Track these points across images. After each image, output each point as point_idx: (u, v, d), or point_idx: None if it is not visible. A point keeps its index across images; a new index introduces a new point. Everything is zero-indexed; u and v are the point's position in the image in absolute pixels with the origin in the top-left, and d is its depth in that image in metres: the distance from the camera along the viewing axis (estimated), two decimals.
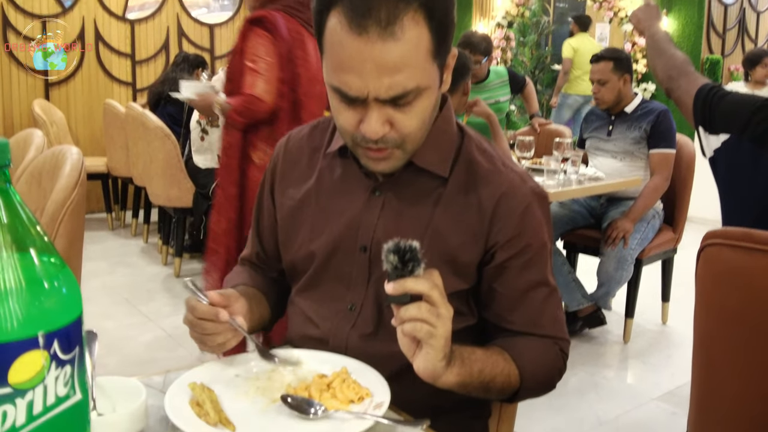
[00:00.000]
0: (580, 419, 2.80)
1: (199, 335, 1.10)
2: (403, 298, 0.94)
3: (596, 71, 3.55)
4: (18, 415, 0.52)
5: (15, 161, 2.68)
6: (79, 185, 2.03)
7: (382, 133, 1.05)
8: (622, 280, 3.51)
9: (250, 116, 2.41)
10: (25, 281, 0.54)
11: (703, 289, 1.46)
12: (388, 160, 1.11)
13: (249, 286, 1.30)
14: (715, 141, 1.73)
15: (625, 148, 3.57)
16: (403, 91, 1.01)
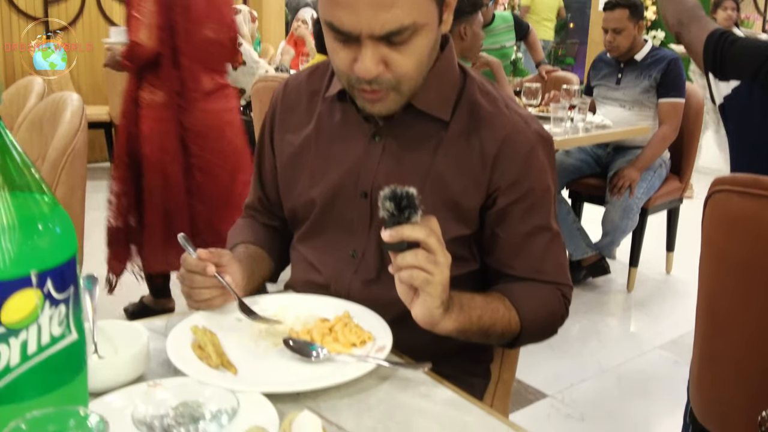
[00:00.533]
0: (581, 366, 2.82)
1: (187, 289, 1.09)
2: (400, 246, 0.92)
3: (612, 19, 3.44)
4: (12, 354, 0.52)
5: (15, 109, 2.66)
6: (80, 131, 2.01)
7: (376, 73, 1.01)
8: (627, 230, 3.50)
9: (136, 61, 2.64)
10: (17, 220, 0.53)
11: (709, 236, 1.45)
12: (383, 102, 1.07)
13: (250, 243, 1.28)
14: (725, 88, 1.70)
15: (634, 97, 3.51)
16: (398, 26, 0.98)
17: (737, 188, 1.34)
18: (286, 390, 0.88)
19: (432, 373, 0.97)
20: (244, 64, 4.18)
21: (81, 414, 0.50)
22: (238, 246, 1.27)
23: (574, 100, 3.38)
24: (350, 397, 0.90)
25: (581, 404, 2.54)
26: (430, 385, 0.94)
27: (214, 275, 1.07)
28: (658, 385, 2.71)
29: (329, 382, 0.89)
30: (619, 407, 2.55)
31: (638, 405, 2.57)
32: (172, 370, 0.94)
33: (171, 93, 2.67)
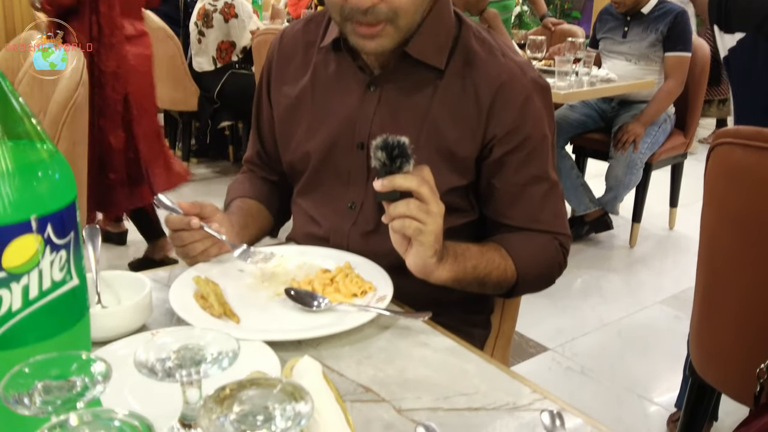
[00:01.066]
0: (582, 320, 2.85)
1: (180, 249, 1.09)
2: (393, 195, 0.92)
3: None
4: (14, 299, 0.52)
5: (17, 64, 2.65)
6: (81, 86, 1.99)
7: (371, 2, 1.00)
8: (630, 185, 3.49)
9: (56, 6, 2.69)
10: (16, 167, 0.53)
11: (712, 188, 1.45)
12: (379, 38, 1.05)
13: (247, 197, 1.28)
14: (730, 40, 1.68)
15: (641, 51, 3.46)
16: None
17: (740, 141, 1.33)
18: (287, 338, 0.89)
19: (432, 323, 0.98)
20: (236, 17, 4.11)
21: (84, 358, 0.51)
22: (234, 201, 1.27)
23: (579, 53, 3.34)
24: (351, 346, 0.91)
25: (582, 357, 2.57)
26: (429, 334, 0.95)
27: (200, 226, 1.07)
28: (658, 340, 2.73)
29: (330, 331, 0.90)
30: (619, 361, 2.57)
31: (638, 359, 2.59)
32: (174, 319, 0.95)
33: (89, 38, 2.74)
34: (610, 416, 2.23)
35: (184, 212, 1.07)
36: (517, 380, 0.84)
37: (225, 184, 4.24)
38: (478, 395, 0.81)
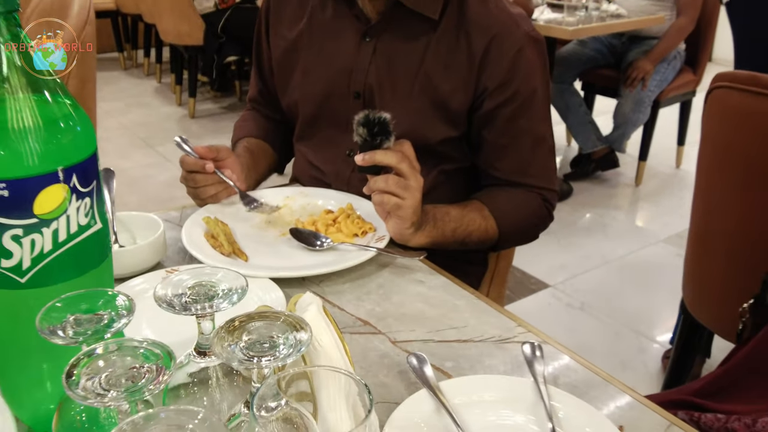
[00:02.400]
0: (585, 257, 2.91)
1: (192, 190, 1.14)
2: (374, 169, 0.97)
3: None
4: (45, 242, 0.58)
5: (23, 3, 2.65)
6: (89, 24, 2.01)
7: None
8: (638, 123, 3.49)
9: None
10: (42, 121, 0.57)
11: (709, 129, 1.48)
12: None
13: (252, 137, 1.33)
14: None
15: None
16: None
17: (736, 85, 1.36)
18: (292, 275, 0.95)
19: (428, 262, 1.04)
20: None
21: (109, 294, 0.57)
22: (240, 141, 1.31)
23: None
24: (351, 282, 0.97)
25: (582, 294, 2.64)
26: (426, 272, 1.01)
27: (213, 171, 1.12)
28: (659, 277, 2.79)
29: (332, 269, 0.96)
30: (619, 297, 2.64)
31: (639, 296, 2.66)
32: (187, 257, 1.02)
33: None
34: (605, 351, 2.31)
35: (200, 156, 1.12)
36: (503, 315, 0.90)
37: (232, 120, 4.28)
38: (467, 328, 0.87)
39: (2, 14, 0.58)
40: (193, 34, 4.31)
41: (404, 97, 1.16)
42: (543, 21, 3.12)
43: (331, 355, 0.63)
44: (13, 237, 0.57)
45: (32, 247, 0.58)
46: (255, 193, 1.19)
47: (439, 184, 1.23)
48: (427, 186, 1.19)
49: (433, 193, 1.19)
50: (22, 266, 0.58)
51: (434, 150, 1.19)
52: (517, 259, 2.73)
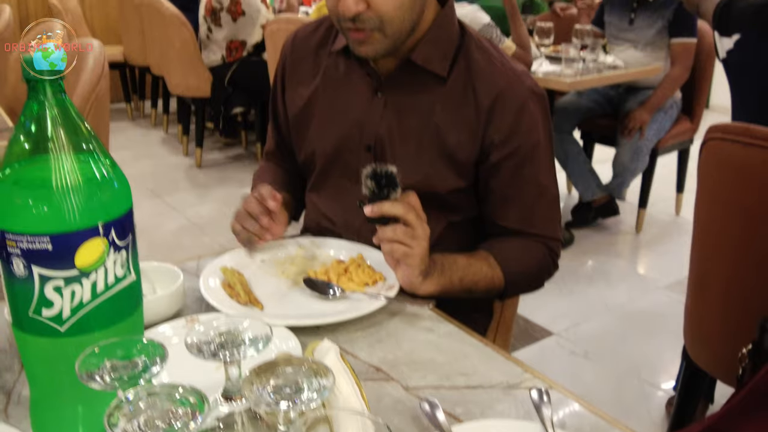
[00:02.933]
0: (587, 304, 2.93)
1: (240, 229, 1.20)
2: (383, 219, 1.02)
3: None
4: (84, 293, 0.62)
5: None
6: (103, 78, 2.09)
7: (356, 10, 1.08)
8: (636, 171, 3.54)
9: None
10: (83, 179, 0.62)
11: (704, 179, 1.53)
12: (369, 44, 1.13)
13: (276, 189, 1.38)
14: (728, 42, 1.78)
15: (647, 38, 3.49)
16: None
17: (729, 136, 1.42)
18: (307, 323, 0.99)
19: (437, 310, 1.07)
20: (243, 15, 4.10)
21: (143, 342, 0.61)
22: None
23: (586, 39, 3.38)
24: (364, 330, 1.01)
25: (586, 342, 2.65)
26: (434, 321, 1.05)
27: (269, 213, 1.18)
28: (662, 324, 2.80)
29: (345, 317, 1.00)
30: (623, 345, 2.65)
31: (641, 343, 2.67)
32: (204, 306, 1.05)
33: None
34: (610, 399, 2.31)
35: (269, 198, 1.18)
36: (511, 362, 0.94)
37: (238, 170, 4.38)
38: (476, 375, 0.91)
39: (48, 80, 0.63)
40: (201, 86, 4.41)
41: (414, 150, 1.21)
42: (542, 73, 3.21)
43: (350, 400, 0.67)
44: (55, 288, 0.61)
45: (72, 297, 0.62)
46: (272, 243, 1.23)
47: (448, 235, 1.27)
48: (436, 236, 1.24)
49: (441, 243, 1.24)
50: (62, 316, 0.62)
51: (443, 200, 1.24)
52: (521, 307, 2.75)
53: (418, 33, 1.19)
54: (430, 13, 1.20)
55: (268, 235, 1.20)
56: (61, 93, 0.63)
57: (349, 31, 1.13)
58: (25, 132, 0.61)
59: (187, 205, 3.91)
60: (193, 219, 3.72)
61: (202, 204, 3.94)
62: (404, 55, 1.20)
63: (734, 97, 1.83)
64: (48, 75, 0.61)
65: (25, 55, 0.59)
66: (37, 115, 0.61)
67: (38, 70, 0.60)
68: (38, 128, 0.61)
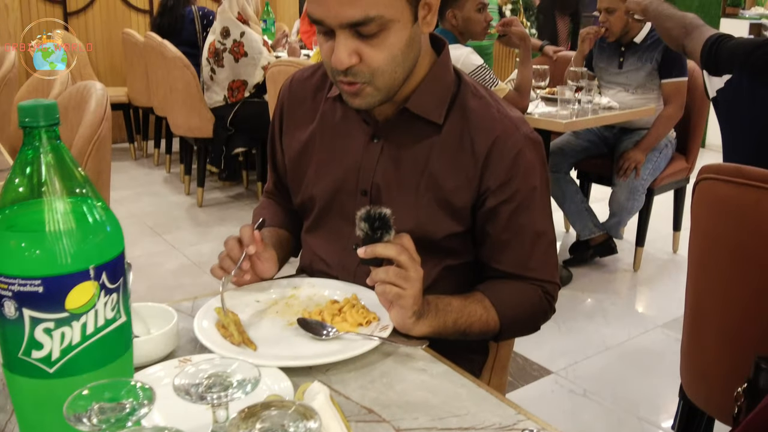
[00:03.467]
0: (586, 343, 2.92)
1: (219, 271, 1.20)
2: (376, 261, 1.03)
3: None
4: (74, 335, 0.63)
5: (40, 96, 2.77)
6: (105, 120, 2.12)
7: (348, 63, 1.09)
8: (633, 210, 3.56)
9: None
10: (76, 223, 0.64)
11: (697, 219, 1.55)
12: (362, 97, 1.15)
13: (274, 225, 1.40)
14: (718, 82, 1.80)
15: (638, 81, 3.54)
16: (363, 16, 1.05)
17: (721, 177, 1.44)
18: (299, 364, 0.99)
19: (430, 350, 1.07)
20: (245, 56, 4.17)
21: (131, 384, 0.62)
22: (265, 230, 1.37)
23: (581, 81, 3.43)
24: (356, 371, 1.01)
25: (584, 380, 2.63)
26: (428, 361, 1.05)
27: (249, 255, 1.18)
28: (660, 363, 2.79)
29: (338, 358, 1.00)
30: (621, 383, 2.64)
31: (640, 381, 2.66)
32: (198, 346, 1.05)
33: None
34: None
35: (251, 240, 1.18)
36: (504, 403, 0.94)
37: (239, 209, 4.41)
38: (468, 416, 0.90)
39: (44, 127, 0.65)
40: (203, 127, 4.46)
41: (410, 195, 1.22)
42: (538, 114, 3.24)
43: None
44: (44, 330, 0.62)
45: (62, 339, 0.63)
46: (266, 283, 1.24)
47: (444, 278, 1.28)
48: (432, 280, 1.25)
49: (437, 286, 1.24)
50: (51, 357, 0.63)
51: (439, 245, 1.24)
52: (519, 345, 2.76)
53: (414, 81, 1.21)
54: (426, 60, 1.22)
55: (248, 276, 1.21)
56: (56, 139, 0.64)
57: (341, 84, 1.15)
58: (19, 177, 0.62)
59: (187, 244, 3.92)
60: (193, 258, 3.73)
61: (203, 243, 3.95)
62: (400, 103, 1.21)
63: (726, 136, 1.85)
64: (43, 122, 0.63)
65: (20, 104, 0.61)
66: (32, 160, 0.63)
67: (34, 118, 0.62)
68: (33, 173, 0.63)
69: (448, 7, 3.11)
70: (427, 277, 1.09)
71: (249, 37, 4.16)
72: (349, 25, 1.06)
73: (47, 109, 0.62)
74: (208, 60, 4.29)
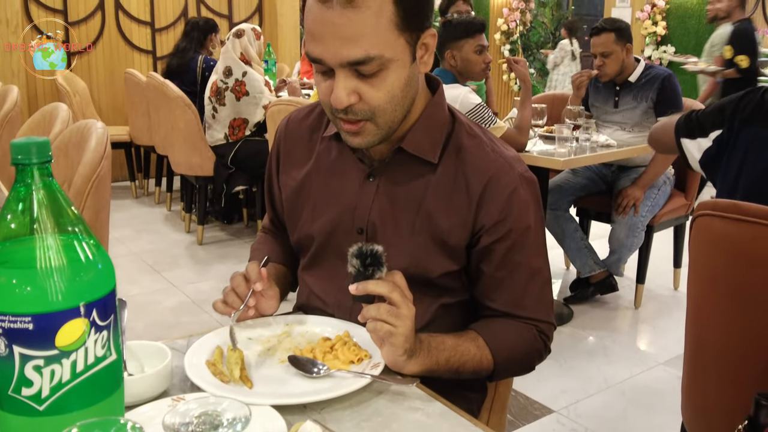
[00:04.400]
0: (587, 381, 2.90)
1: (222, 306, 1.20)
2: (368, 298, 1.03)
3: (598, 44, 3.50)
4: (64, 372, 0.63)
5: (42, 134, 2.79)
6: (105, 158, 2.13)
7: (347, 102, 1.10)
8: (633, 247, 3.56)
9: None
10: (67, 260, 0.64)
11: (695, 255, 1.55)
12: (362, 135, 1.15)
13: (273, 261, 1.40)
14: (705, 142, 1.85)
15: (634, 119, 3.57)
16: (363, 56, 1.06)
17: (718, 213, 1.44)
18: (292, 402, 0.98)
19: (425, 388, 1.06)
20: (247, 95, 4.22)
21: (121, 422, 0.61)
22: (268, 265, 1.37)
23: (578, 120, 3.45)
24: (350, 409, 1.00)
25: (586, 419, 2.60)
26: (423, 400, 1.04)
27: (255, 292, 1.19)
28: (662, 401, 2.77)
29: (328, 396, 0.99)
30: (624, 422, 2.61)
31: (643, 420, 2.63)
32: (190, 385, 1.05)
33: None
34: None
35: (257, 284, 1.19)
36: None
37: (239, 247, 4.42)
38: None
39: (36, 164, 0.65)
40: (204, 165, 4.49)
41: (406, 234, 1.22)
42: (536, 152, 3.26)
43: None
44: (34, 367, 0.62)
45: (51, 377, 0.62)
46: (261, 320, 1.23)
47: (440, 317, 1.27)
48: (428, 318, 1.25)
49: (434, 325, 1.24)
50: (41, 395, 0.62)
51: (435, 283, 1.24)
52: (520, 384, 2.74)
53: (409, 121, 1.21)
54: (421, 100, 1.23)
55: (252, 312, 1.21)
56: (48, 177, 0.65)
57: (340, 122, 1.15)
58: (11, 213, 0.63)
59: (186, 282, 3.92)
60: (193, 296, 3.72)
61: (202, 281, 3.94)
62: (396, 142, 1.22)
63: (720, 188, 1.87)
64: (36, 160, 0.63)
65: (12, 141, 0.62)
66: (24, 197, 0.63)
67: (27, 155, 0.63)
68: (24, 210, 0.63)
69: (448, 48, 3.16)
70: (423, 315, 1.09)
71: (251, 77, 4.22)
72: (349, 63, 1.07)
73: (40, 147, 0.63)
74: (210, 99, 4.34)
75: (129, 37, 6.35)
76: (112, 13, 6.21)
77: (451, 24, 3.25)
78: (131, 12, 6.32)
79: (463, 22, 3.22)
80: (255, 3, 7.01)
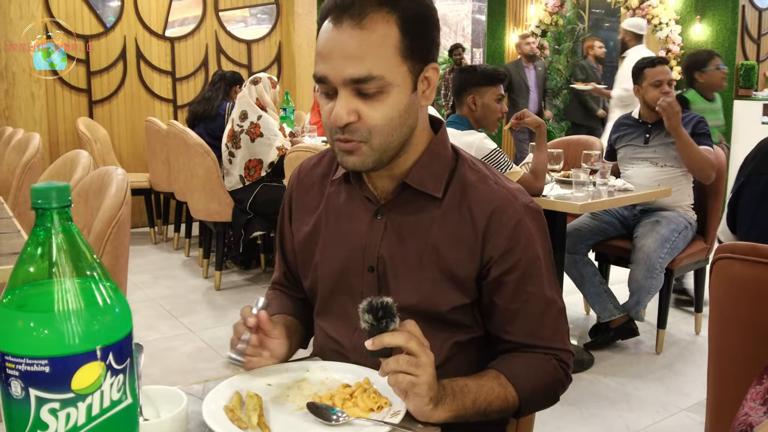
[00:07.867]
0: (609, 429, 2.83)
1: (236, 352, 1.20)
2: (385, 351, 1.02)
3: (664, 72, 3.53)
4: (79, 416, 0.63)
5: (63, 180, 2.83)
6: (125, 205, 2.16)
7: (347, 120, 1.14)
8: (652, 290, 3.50)
9: None
10: (84, 303, 0.64)
11: (716, 299, 1.53)
12: (356, 155, 1.18)
13: (283, 314, 1.40)
14: None
15: (667, 153, 3.55)
16: (366, 73, 1.10)
17: (737, 255, 1.43)
18: None
19: None
20: (261, 136, 4.30)
21: None
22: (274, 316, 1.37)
23: (595, 164, 3.45)
24: None
25: None
26: None
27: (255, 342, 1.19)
28: None
29: None
30: None
31: None
32: (207, 430, 1.04)
33: None
34: None
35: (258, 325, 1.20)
36: None
37: (256, 292, 4.43)
38: None
39: (56, 209, 0.66)
40: (222, 211, 4.53)
41: (415, 269, 1.23)
42: (553, 197, 3.26)
43: None
44: (50, 410, 0.62)
45: (67, 420, 0.62)
46: (280, 366, 1.23)
47: (455, 356, 1.26)
48: (442, 358, 1.24)
49: (448, 365, 1.23)
50: None
51: (446, 319, 1.24)
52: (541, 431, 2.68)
53: (413, 157, 1.25)
54: (425, 137, 1.26)
55: (265, 353, 1.21)
56: (67, 221, 0.66)
57: (338, 142, 1.18)
58: (30, 257, 0.64)
59: (203, 327, 3.91)
60: (210, 341, 3.71)
61: (219, 326, 3.94)
62: (400, 179, 1.25)
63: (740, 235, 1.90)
64: (56, 204, 0.64)
65: (33, 186, 0.63)
66: (43, 241, 0.64)
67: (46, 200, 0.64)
68: (44, 254, 0.64)
69: (470, 93, 3.18)
70: (437, 354, 1.08)
71: (266, 120, 4.33)
72: (351, 81, 1.11)
73: (60, 191, 0.64)
74: (227, 145, 4.42)
75: (150, 86, 6.48)
76: (134, 63, 6.36)
77: (476, 70, 3.29)
78: (152, 61, 6.45)
79: (488, 69, 3.26)
80: (274, 53, 7.15)
